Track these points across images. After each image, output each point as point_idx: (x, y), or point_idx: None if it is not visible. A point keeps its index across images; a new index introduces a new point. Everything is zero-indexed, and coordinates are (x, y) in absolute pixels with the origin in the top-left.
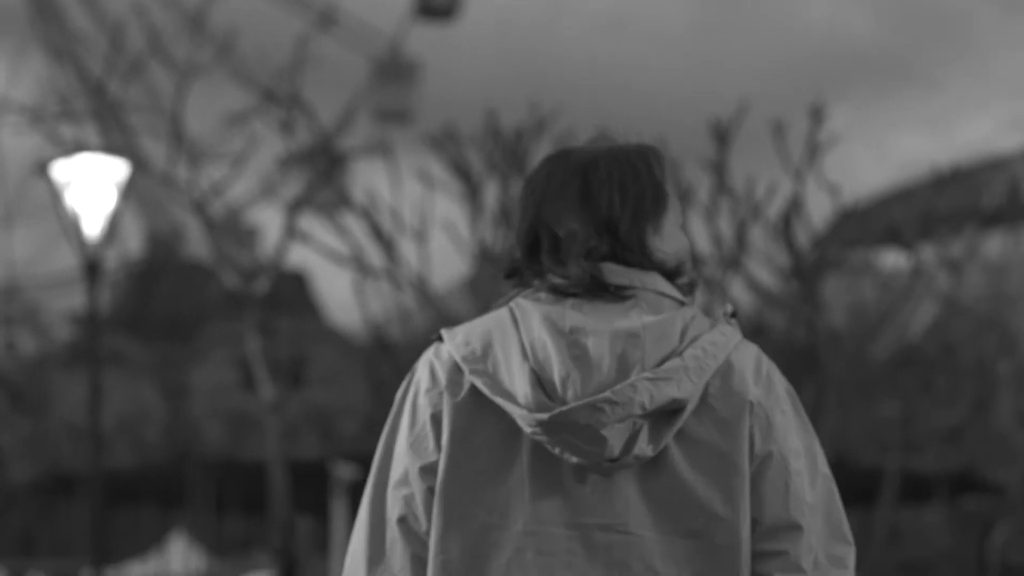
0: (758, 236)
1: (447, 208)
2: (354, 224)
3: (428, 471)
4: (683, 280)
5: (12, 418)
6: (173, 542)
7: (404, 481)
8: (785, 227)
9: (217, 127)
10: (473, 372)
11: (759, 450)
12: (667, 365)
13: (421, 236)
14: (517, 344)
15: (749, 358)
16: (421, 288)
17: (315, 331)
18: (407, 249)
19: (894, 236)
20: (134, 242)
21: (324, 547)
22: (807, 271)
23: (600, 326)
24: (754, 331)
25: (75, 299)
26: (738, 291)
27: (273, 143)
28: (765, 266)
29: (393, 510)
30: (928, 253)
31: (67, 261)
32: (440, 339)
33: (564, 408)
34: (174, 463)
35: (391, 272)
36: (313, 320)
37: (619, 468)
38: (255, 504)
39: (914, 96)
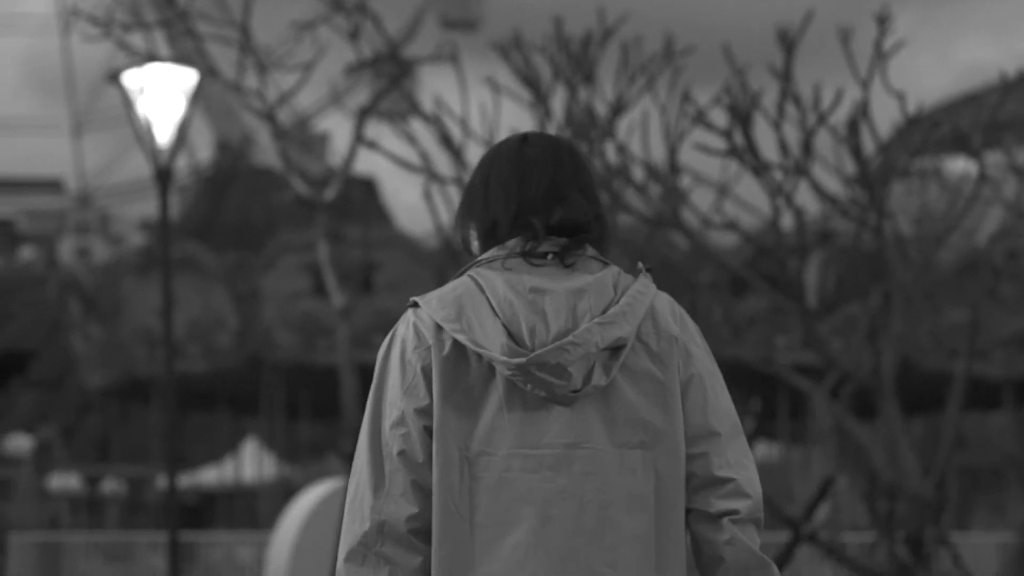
0: (824, 143)
1: (514, 115)
2: (422, 131)
3: (421, 413)
4: (604, 246)
5: (86, 325)
6: (246, 448)
7: (401, 422)
8: (851, 134)
9: (285, 35)
10: (453, 330)
11: (683, 375)
12: (609, 312)
13: (488, 143)
14: (486, 305)
15: (665, 303)
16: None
17: (385, 237)
18: (475, 156)
19: (960, 143)
20: (204, 150)
21: None
22: (873, 178)
23: (553, 285)
24: (821, 238)
25: (146, 207)
26: (804, 198)
27: (341, 51)
28: (831, 173)
29: (392, 446)
30: (994, 160)
31: (138, 170)
32: (416, 305)
33: (539, 352)
34: (246, 369)
35: (459, 179)
36: (383, 227)
37: (580, 397)
38: (326, 410)
39: (979, 1)
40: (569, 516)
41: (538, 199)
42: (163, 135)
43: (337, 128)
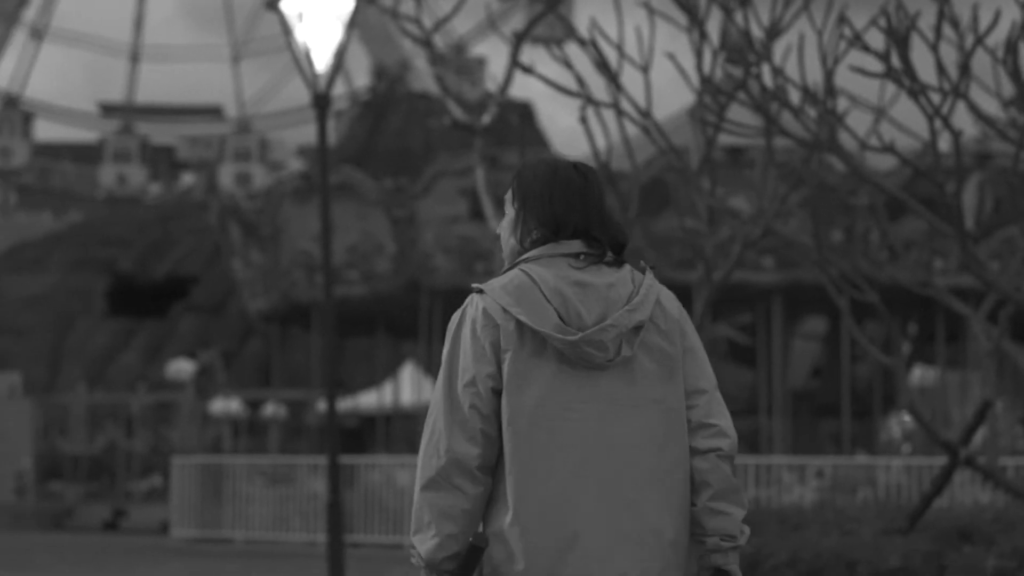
0: (982, 65)
1: (669, 38)
2: (578, 55)
3: (489, 376)
4: (623, 253)
5: (246, 251)
6: (404, 371)
7: (472, 383)
8: (1009, 55)
9: None
10: (516, 313)
11: (681, 347)
12: (632, 302)
13: (644, 67)
14: (539, 293)
15: (667, 293)
16: (645, 119)
17: None
18: (630, 80)
19: None
20: (362, 76)
21: None
22: None
23: (593, 279)
24: (979, 160)
25: (305, 133)
26: (962, 120)
27: None
28: (989, 95)
29: (464, 401)
30: None
31: (296, 96)
32: (481, 291)
33: (589, 331)
34: (404, 293)
35: (615, 103)
36: (539, 151)
37: (613, 367)
38: None
39: None
40: (603, 453)
41: (591, 214)
42: (321, 61)
43: (493, 53)
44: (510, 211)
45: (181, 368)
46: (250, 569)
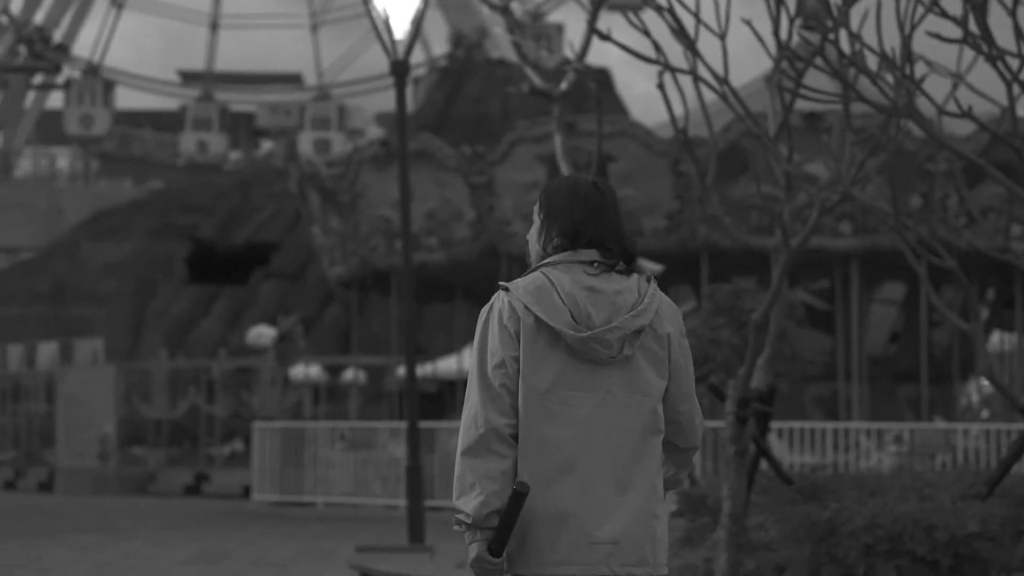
0: None
1: (746, 4)
2: (655, 22)
3: (515, 359)
4: (632, 263)
5: (325, 217)
6: None
7: (502, 364)
8: None
9: None
10: (535, 310)
11: (673, 355)
12: (637, 308)
13: (722, 34)
14: (555, 294)
15: (666, 303)
16: (722, 85)
17: (618, 128)
18: (708, 46)
19: None
20: (440, 43)
21: None
22: None
23: (603, 286)
24: None
25: (383, 100)
26: None
27: None
28: None
29: (495, 380)
30: None
31: (375, 63)
32: (507, 289)
33: (597, 330)
34: (482, 259)
35: (692, 70)
36: (616, 117)
37: (614, 362)
38: None
39: None
40: (601, 434)
41: (605, 227)
42: (399, 29)
43: (570, 19)
44: (536, 221)
45: (262, 334)
46: (330, 533)
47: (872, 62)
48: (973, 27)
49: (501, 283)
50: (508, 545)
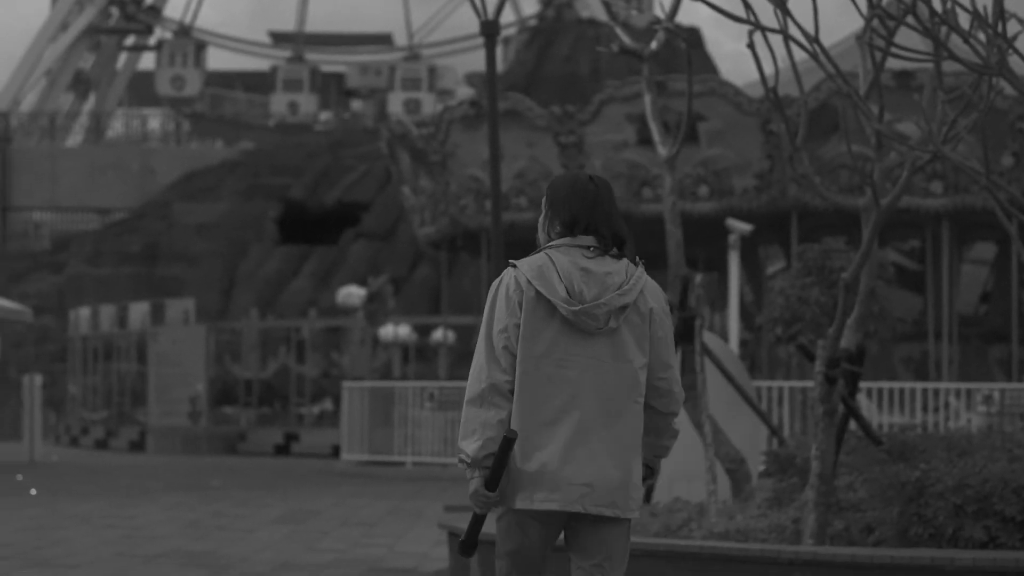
0: None
1: None
2: None
3: (515, 326)
4: (623, 248)
5: (416, 177)
6: None
7: (505, 329)
8: None
9: None
10: (537, 284)
11: (655, 328)
12: (623, 288)
13: None
14: (555, 272)
15: (651, 283)
16: (813, 44)
17: (708, 87)
18: (798, 5)
19: None
20: (530, 3)
21: (721, 302)
22: None
23: (595, 267)
24: None
25: (473, 59)
26: None
27: None
28: None
29: (499, 342)
30: None
31: (464, 23)
32: (514, 265)
33: (587, 305)
34: None
35: (783, 29)
36: (706, 76)
37: (601, 333)
38: (652, 259)
39: None
40: (590, 395)
41: (598, 217)
42: None
43: None
44: (543, 210)
45: (351, 294)
46: (419, 492)
47: (964, 20)
48: None
49: (511, 261)
50: (501, 483)
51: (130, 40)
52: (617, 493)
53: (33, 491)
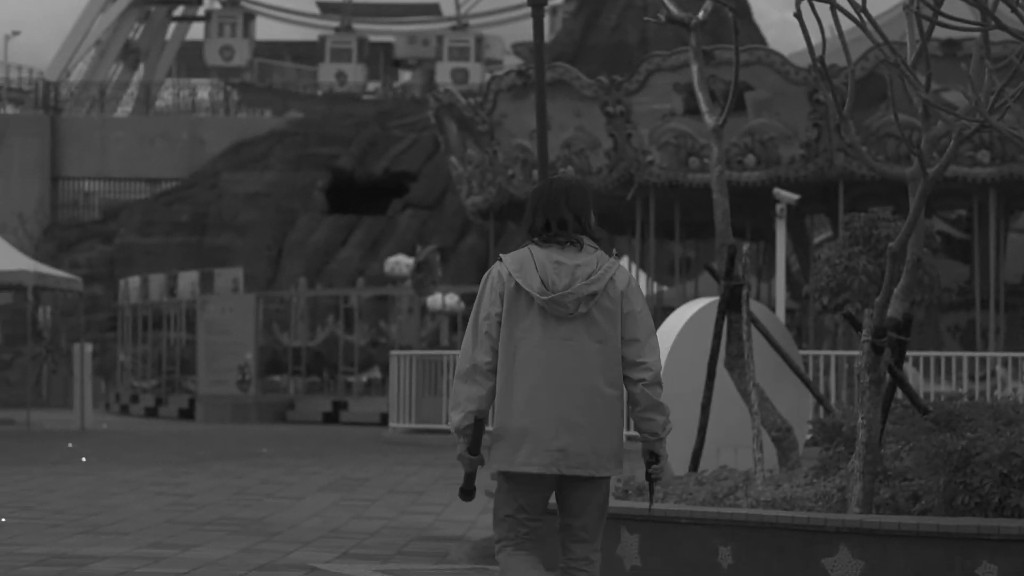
0: None
1: None
2: None
3: (497, 313)
4: (598, 239)
5: (463, 147)
6: None
7: (488, 316)
8: None
9: None
10: (516, 276)
11: (625, 309)
12: (591, 278)
13: None
14: (533, 264)
15: (622, 272)
16: (860, 13)
17: (755, 57)
18: None
19: None
20: None
21: (767, 271)
22: None
23: (566, 260)
24: None
25: (520, 29)
26: None
27: None
28: None
29: (482, 328)
30: None
31: None
32: (501, 260)
33: (557, 294)
34: (619, 188)
35: None
36: (753, 46)
37: (573, 318)
38: (699, 230)
39: None
40: (560, 371)
41: (569, 214)
42: None
43: None
44: (526, 213)
45: (399, 263)
46: None
47: None
48: None
49: (501, 255)
50: (485, 449)
51: (179, 10)
52: (589, 456)
53: (84, 459)
